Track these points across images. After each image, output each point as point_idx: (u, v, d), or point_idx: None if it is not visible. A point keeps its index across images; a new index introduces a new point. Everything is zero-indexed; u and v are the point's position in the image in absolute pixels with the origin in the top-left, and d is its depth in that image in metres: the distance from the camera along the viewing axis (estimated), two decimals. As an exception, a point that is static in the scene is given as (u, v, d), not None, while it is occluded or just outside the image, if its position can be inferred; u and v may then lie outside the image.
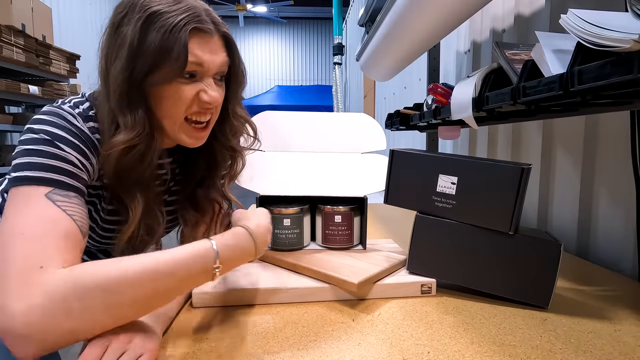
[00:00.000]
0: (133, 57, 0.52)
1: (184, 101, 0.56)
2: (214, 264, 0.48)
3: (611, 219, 0.86)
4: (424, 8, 0.98)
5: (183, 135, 0.59)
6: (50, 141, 0.49)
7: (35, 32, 3.03)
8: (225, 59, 0.59)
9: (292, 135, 0.85)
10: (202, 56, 0.55)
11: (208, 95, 0.56)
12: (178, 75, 0.54)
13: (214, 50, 0.57)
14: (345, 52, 4.87)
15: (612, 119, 0.85)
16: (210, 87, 0.57)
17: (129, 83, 0.53)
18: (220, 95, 0.60)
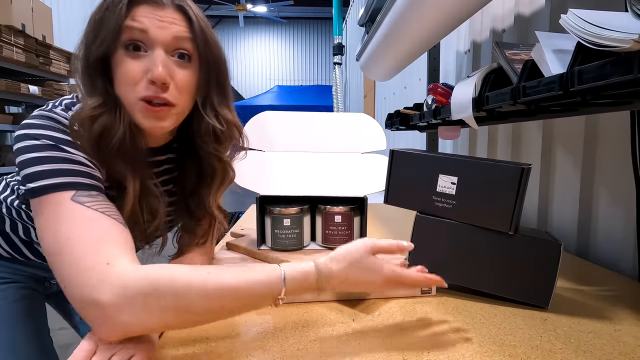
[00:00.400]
0: (87, 32, 0.53)
1: (131, 78, 0.52)
2: (279, 294, 0.48)
3: (611, 219, 0.86)
4: (424, 8, 0.98)
5: (139, 115, 0.53)
6: (55, 145, 0.49)
7: (35, 32, 3.03)
8: (181, 31, 0.53)
9: (292, 135, 0.85)
10: (146, 22, 0.51)
11: (152, 71, 0.51)
12: (116, 42, 0.51)
13: (165, 20, 0.52)
14: (345, 52, 4.87)
15: (612, 119, 0.85)
16: (159, 60, 0.51)
17: (86, 59, 0.53)
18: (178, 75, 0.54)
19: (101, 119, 0.52)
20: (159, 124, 0.55)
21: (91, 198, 0.48)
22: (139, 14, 0.52)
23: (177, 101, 0.55)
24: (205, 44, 0.56)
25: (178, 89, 0.55)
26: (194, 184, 0.67)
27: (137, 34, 0.52)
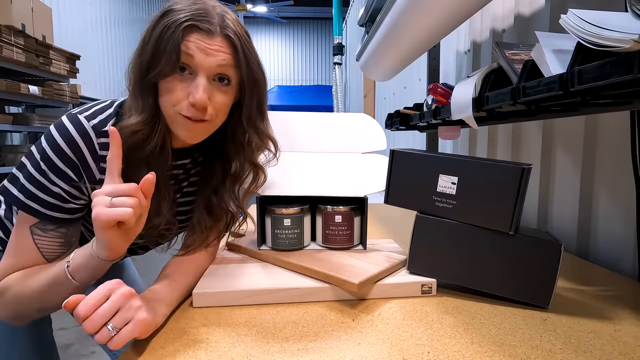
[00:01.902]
0: (141, 51, 0.57)
1: (174, 96, 0.57)
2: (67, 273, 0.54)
3: (611, 219, 0.86)
4: (424, 8, 0.98)
5: (178, 127, 0.59)
6: (44, 172, 0.56)
7: (35, 32, 3.03)
8: (224, 60, 0.58)
9: (292, 136, 0.85)
10: (194, 51, 0.55)
11: (193, 95, 0.56)
12: (171, 70, 0.56)
13: (211, 49, 0.56)
14: (345, 52, 4.87)
15: (612, 119, 0.85)
16: (201, 87, 0.56)
17: (139, 75, 0.58)
18: (216, 98, 0.59)
19: (141, 133, 0.58)
20: (195, 135, 0.61)
21: (42, 233, 0.58)
22: (190, 40, 0.56)
23: (213, 119, 0.60)
24: (248, 69, 0.60)
25: (215, 110, 0.59)
26: (219, 183, 0.70)
27: (185, 59, 0.56)
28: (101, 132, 0.59)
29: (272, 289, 0.62)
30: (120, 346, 0.45)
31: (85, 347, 1.85)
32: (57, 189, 0.57)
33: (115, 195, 0.49)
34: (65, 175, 0.57)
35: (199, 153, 0.71)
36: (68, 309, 0.44)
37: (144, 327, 0.48)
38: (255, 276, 0.67)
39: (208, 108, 0.58)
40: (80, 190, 0.59)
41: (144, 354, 0.48)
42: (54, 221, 0.58)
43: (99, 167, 0.59)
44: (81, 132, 0.57)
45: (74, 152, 0.57)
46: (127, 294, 0.47)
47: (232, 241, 0.83)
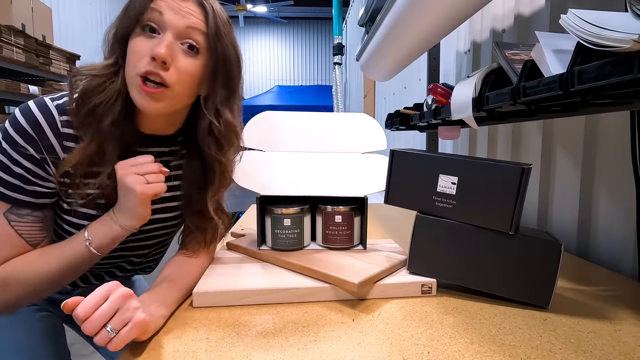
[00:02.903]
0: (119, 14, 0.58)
1: (138, 52, 0.55)
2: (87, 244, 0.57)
3: (611, 219, 0.86)
4: (424, 8, 0.98)
5: (135, 92, 0.56)
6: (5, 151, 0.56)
7: (35, 32, 3.03)
8: (194, 23, 0.56)
9: (293, 135, 0.85)
10: (164, 8, 0.55)
11: (156, 48, 0.54)
12: (137, 22, 0.55)
13: (183, 10, 0.56)
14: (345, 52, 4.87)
15: (612, 119, 0.85)
16: (165, 41, 0.54)
17: (114, 36, 0.58)
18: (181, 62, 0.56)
19: (95, 79, 0.57)
20: (152, 104, 0.57)
21: (19, 218, 0.57)
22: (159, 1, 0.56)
23: (174, 84, 0.56)
24: (217, 41, 0.59)
25: (178, 73, 0.57)
26: (200, 181, 0.68)
27: (154, 16, 0.55)
28: (64, 109, 0.58)
29: (272, 289, 0.62)
30: (120, 347, 0.45)
31: (85, 347, 1.85)
32: (19, 169, 0.56)
33: (145, 172, 0.56)
34: (25, 151, 0.56)
35: (181, 147, 0.69)
36: (67, 310, 0.44)
37: (142, 328, 0.48)
38: (255, 276, 0.67)
39: (170, 69, 0.55)
40: (43, 169, 0.57)
41: (144, 354, 0.48)
42: (23, 205, 0.57)
43: (62, 145, 0.58)
44: (43, 110, 0.57)
45: (33, 128, 0.56)
46: (125, 294, 0.47)
47: (232, 241, 0.83)
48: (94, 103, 0.57)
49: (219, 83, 0.61)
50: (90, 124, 0.58)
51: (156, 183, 0.57)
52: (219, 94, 0.62)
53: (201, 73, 0.59)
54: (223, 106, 0.62)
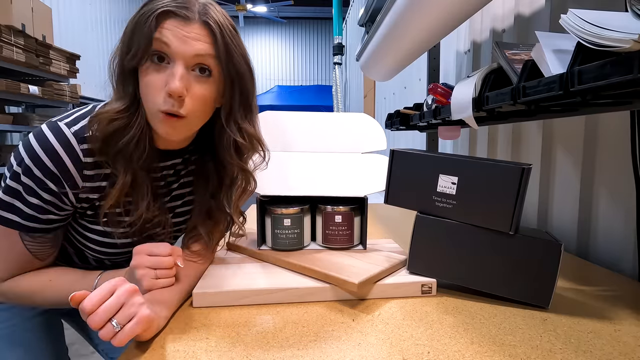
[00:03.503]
0: (122, 41, 0.57)
1: (153, 87, 0.55)
2: None
3: (611, 219, 0.86)
4: (424, 8, 0.98)
5: (156, 123, 0.57)
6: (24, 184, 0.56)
7: (35, 32, 3.03)
8: (202, 49, 0.55)
9: (292, 135, 0.85)
10: (170, 37, 0.54)
11: (169, 84, 0.54)
12: (145, 55, 0.54)
13: (188, 36, 0.54)
14: (345, 52, 4.87)
15: (612, 119, 0.85)
16: (177, 75, 0.54)
17: (119, 64, 0.57)
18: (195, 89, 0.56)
19: (118, 122, 0.56)
20: (173, 132, 0.58)
21: (31, 239, 0.59)
22: (165, 26, 0.54)
23: (189, 113, 0.57)
24: (229, 61, 0.58)
25: (193, 103, 0.57)
26: (215, 188, 0.69)
27: (161, 47, 0.54)
28: (84, 137, 0.57)
29: (272, 289, 0.62)
30: (124, 343, 0.45)
31: (85, 347, 1.85)
32: (36, 200, 0.56)
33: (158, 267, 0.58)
34: (44, 184, 0.56)
35: (191, 155, 0.71)
36: (74, 304, 0.45)
37: (147, 323, 0.48)
38: (255, 276, 0.67)
39: (186, 100, 0.56)
40: (61, 201, 0.58)
41: (144, 354, 0.48)
42: (37, 231, 0.59)
43: (81, 175, 0.58)
44: (62, 141, 0.56)
45: (55, 163, 0.55)
46: (131, 290, 0.48)
47: (232, 241, 0.83)
48: (123, 142, 0.57)
49: (236, 100, 0.62)
50: (121, 160, 0.58)
51: (164, 279, 0.58)
52: (239, 111, 0.63)
53: (215, 93, 0.60)
54: (244, 121, 0.63)
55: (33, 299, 0.62)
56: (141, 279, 0.57)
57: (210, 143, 0.68)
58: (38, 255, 0.61)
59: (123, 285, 0.48)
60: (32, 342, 0.71)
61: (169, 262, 0.59)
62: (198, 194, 0.71)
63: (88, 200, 0.61)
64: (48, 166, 0.55)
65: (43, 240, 0.60)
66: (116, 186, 0.59)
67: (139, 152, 0.59)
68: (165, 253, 0.58)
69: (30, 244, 0.60)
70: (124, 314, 0.46)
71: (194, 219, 0.71)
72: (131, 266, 0.58)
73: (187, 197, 0.73)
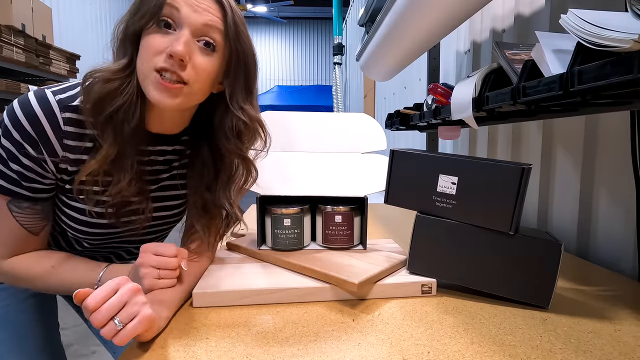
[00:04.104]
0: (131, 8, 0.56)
1: (153, 49, 0.54)
2: None
3: (611, 219, 0.86)
4: (424, 8, 0.98)
5: (150, 87, 0.55)
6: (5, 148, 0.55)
7: (35, 32, 3.03)
8: (212, 20, 0.55)
9: (292, 135, 0.85)
10: (181, 4, 0.53)
11: (172, 46, 0.52)
12: (152, 18, 0.53)
13: (200, 6, 0.54)
14: (345, 52, 4.87)
15: (612, 119, 0.85)
16: (182, 38, 0.53)
17: (123, 29, 0.56)
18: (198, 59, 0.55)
19: (112, 83, 0.55)
20: (168, 99, 0.55)
21: (19, 210, 0.59)
22: None
23: (192, 81, 0.56)
24: (237, 38, 0.58)
25: (195, 71, 0.56)
26: (211, 180, 0.68)
27: (171, 12, 0.54)
28: (68, 106, 0.56)
29: (272, 289, 0.62)
30: (126, 342, 0.46)
31: (85, 347, 1.85)
32: (16, 166, 0.56)
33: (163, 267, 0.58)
34: (23, 148, 0.55)
35: (185, 146, 0.69)
36: (78, 301, 0.45)
37: (149, 323, 0.48)
38: (255, 276, 0.67)
39: (187, 67, 0.54)
40: (42, 167, 0.57)
41: (144, 354, 0.48)
42: (23, 198, 0.58)
43: (61, 144, 0.57)
44: (44, 106, 0.55)
45: (33, 127, 0.55)
46: (134, 289, 0.48)
47: (232, 241, 0.83)
48: (114, 107, 0.56)
49: (240, 81, 0.61)
50: (110, 129, 0.57)
51: (166, 280, 0.58)
52: (241, 92, 0.62)
53: (217, 71, 0.59)
54: (246, 104, 0.63)
55: (34, 283, 0.62)
56: (144, 277, 0.56)
57: (207, 131, 0.66)
58: (29, 228, 0.60)
59: (126, 284, 0.48)
60: (25, 323, 0.71)
61: (174, 264, 0.58)
62: (192, 187, 0.69)
63: (67, 172, 0.59)
64: (27, 129, 0.55)
65: (32, 212, 0.59)
66: (98, 155, 0.57)
67: (128, 122, 0.57)
68: (171, 254, 0.58)
69: (20, 216, 0.59)
70: (127, 313, 0.46)
71: (190, 214, 0.70)
72: (136, 263, 0.58)
73: (178, 190, 0.71)
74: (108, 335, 0.45)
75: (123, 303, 0.46)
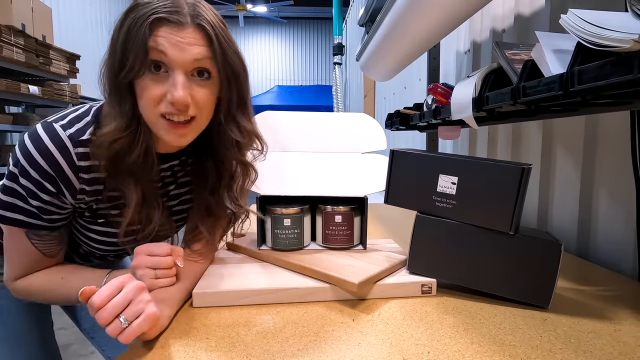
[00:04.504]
0: (111, 52, 0.55)
1: (152, 98, 0.54)
2: None
3: (611, 219, 0.86)
4: (424, 8, 0.98)
5: (162, 132, 0.56)
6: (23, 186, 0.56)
7: (35, 32, 3.03)
8: (200, 53, 0.54)
9: (292, 135, 0.85)
10: (166, 45, 0.52)
11: (172, 94, 0.53)
12: (142, 67, 0.52)
13: (184, 42, 0.53)
14: (345, 52, 4.87)
15: (612, 119, 0.85)
16: (179, 84, 0.53)
17: (111, 77, 0.55)
18: (198, 94, 0.56)
19: (121, 141, 0.56)
20: (181, 139, 0.58)
21: (37, 237, 0.60)
22: (159, 34, 0.53)
23: (198, 116, 0.57)
24: (225, 62, 0.57)
25: (198, 107, 0.57)
26: (214, 183, 0.69)
27: (158, 55, 0.53)
28: (79, 141, 0.56)
29: (272, 289, 0.62)
30: (130, 339, 0.46)
31: (84, 347, 1.85)
32: (36, 202, 0.57)
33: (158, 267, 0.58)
34: (42, 186, 0.56)
35: (188, 156, 0.70)
36: (83, 299, 0.45)
37: (154, 321, 0.48)
38: (255, 276, 0.67)
39: (190, 106, 0.55)
40: (60, 200, 0.58)
41: (145, 354, 0.48)
42: (42, 228, 0.59)
43: (78, 177, 0.57)
44: (57, 143, 0.55)
45: (50, 165, 0.55)
46: (139, 287, 0.48)
47: (232, 241, 0.83)
48: (130, 161, 0.57)
49: (233, 97, 0.61)
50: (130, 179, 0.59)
51: (164, 279, 0.59)
52: (237, 109, 0.62)
53: (216, 94, 0.60)
54: (241, 118, 0.63)
55: (45, 297, 0.63)
56: (141, 279, 0.57)
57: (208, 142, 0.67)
58: (46, 252, 0.61)
59: (131, 282, 0.48)
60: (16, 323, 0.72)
61: (169, 262, 0.59)
62: (196, 192, 0.71)
63: (85, 202, 0.61)
64: (43, 167, 0.55)
65: (49, 239, 0.61)
66: (130, 205, 0.59)
67: (147, 166, 0.59)
68: (165, 253, 0.58)
69: (38, 242, 0.60)
70: (132, 311, 0.46)
71: (194, 217, 0.71)
72: (131, 266, 0.58)
73: (183, 196, 0.73)
74: (113, 333, 0.45)
75: (128, 301, 0.46)
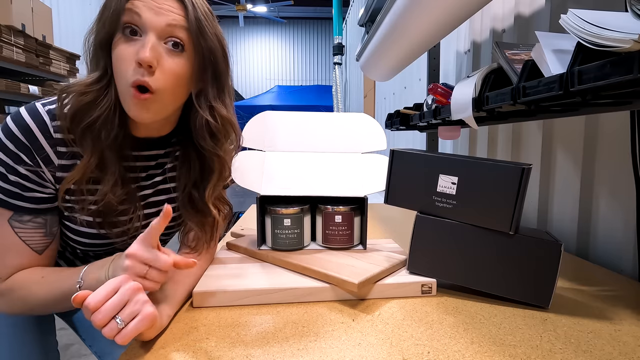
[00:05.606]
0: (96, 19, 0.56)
1: (123, 59, 0.53)
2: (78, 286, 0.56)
3: (611, 219, 0.86)
4: (424, 8, 0.98)
5: (127, 101, 0.55)
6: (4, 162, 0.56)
7: (35, 32, 3.03)
8: (175, 19, 0.54)
9: (293, 135, 0.85)
10: (141, 7, 0.53)
11: (139, 53, 0.52)
12: (115, 28, 0.54)
13: (162, 7, 0.54)
14: (345, 52, 4.87)
15: (612, 119, 0.85)
16: (148, 44, 0.53)
17: (94, 44, 0.57)
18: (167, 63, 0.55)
19: (87, 96, 0.56)
20: (143, 112, 0.56)
21: (21, 224, 0.58)
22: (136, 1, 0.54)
23: (160, 88, 0.55)
24: (201, 35, 0.57)
25: (164, 76, 0.55)
26: (198, 177, 0.68)
27: (132, 18, 0.54)
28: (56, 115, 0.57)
29: (272, 289, 0.62)
30: (127, 341, 0.45)
31: (85, 347, 1.85)
32: (15, 177, 0.56)
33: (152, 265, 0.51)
34: (19, 158, 0.56)
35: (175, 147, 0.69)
36: (77, 304, 0.45)
37: (151, 321, 0.48)
38: (255, 276, 0.67)
39: (156, 73, 0.54)
40: (39, 176, 0.57)
41: (144, 355, 0.48)
42: (25, 211, 0.58)
43: (55, 151, 0.58)
44: (34, 115, 0.56)
45: (27, 137, 0.56)
46: (135, 287, 0.47)
47: (232, 241, 0.83)
48: (91, 119, 0.56)
49: (208, 79, 0.60)
50: (88, 139, 0.57)
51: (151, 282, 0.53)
52: (211, 90, 0.61)
53: (189, 71, 0.58)
54: (216, 102, 0.62)
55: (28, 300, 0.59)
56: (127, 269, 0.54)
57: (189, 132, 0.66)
58: (33, 246, 0.59)
59: (127, 282, 0.48)
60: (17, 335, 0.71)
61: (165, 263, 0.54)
62: (180, 185, 0.69)
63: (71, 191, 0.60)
64: (20, 139, 0.55)
65: (34, 226, 0.59)
66: (80, 164, 0.57)
67: (107, 131, 0.57)
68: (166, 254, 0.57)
69: (22, 231, 0.58)
70: (128, 311, 0.46)
71: (184, 215, 0.70)
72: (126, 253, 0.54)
73: (172, 193, 0.71)
74: (110, 335, 0.45)
75: (124, 302, 0.46)
